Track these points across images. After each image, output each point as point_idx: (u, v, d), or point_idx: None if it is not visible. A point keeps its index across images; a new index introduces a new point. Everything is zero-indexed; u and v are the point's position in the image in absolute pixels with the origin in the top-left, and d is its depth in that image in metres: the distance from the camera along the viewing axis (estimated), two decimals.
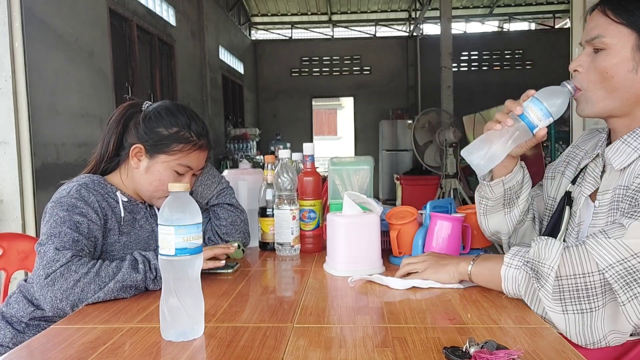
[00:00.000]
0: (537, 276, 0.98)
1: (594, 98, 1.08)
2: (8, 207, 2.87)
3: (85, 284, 1.08)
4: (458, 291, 1.12)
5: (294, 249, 1.53)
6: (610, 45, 1.03)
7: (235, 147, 9.24)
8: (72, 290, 1.07)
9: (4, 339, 1.25)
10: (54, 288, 1.07)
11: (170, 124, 1.31)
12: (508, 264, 1.03)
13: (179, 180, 1.33)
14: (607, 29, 1.03)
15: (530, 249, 1.02)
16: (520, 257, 1.03)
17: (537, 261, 0.99)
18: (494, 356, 0.76)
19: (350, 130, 14.04)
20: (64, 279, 1.08)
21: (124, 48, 5.65)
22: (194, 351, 0.84)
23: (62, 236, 1.15)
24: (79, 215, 1.20)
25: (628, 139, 1.06)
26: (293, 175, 1.52)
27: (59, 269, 1.08)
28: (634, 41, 1.01)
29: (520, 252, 1.04)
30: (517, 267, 1.02)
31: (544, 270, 0.97)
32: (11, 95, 2.83)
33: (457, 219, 1.34)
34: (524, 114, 1.09)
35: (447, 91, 7.96)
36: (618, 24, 1.02)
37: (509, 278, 1.03)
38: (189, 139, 1.32)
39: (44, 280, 1.08)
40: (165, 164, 1.31)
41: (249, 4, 12.47)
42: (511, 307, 1.02)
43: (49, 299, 1.07)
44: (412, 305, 1.05)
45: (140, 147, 1.31)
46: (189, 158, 1.33)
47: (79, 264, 1.10)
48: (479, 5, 12.40)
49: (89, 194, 1.24)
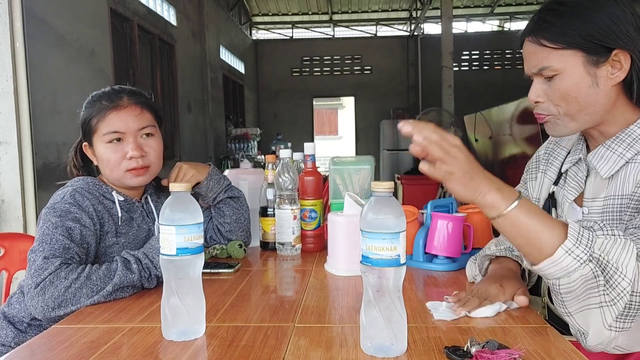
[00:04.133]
0: (608, 285, 0.83)
1: (563, 121, 1.03)
2: (9, 207, 2.87)
3: (77, 289, 1.07)
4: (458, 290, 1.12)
5: (295, 248, 1.53)
6: (560, 70, 0.98)
7: (236, 147, 9.24)
8: (63, 296, 1.06)
9: (5, 339, 1.25)
10: (45, 297, 1.06)
11: (86, 108, 1.33)
12: (569, 249, 0.83)
13: (121, 151, 1.29)
14: (548, 57, 0.99)
15: (597, 239, 0.84)
16: (586, 247, 0.83)
17: (611, 264, 0.83)
18: (495, 356, 0.76)
19: (351, 130, 14.03)
20: (54, 287, 1.06)
21: (125, 48, 5.66)
22: (195, 351, 0.85)
23: (52, 243, 1.14)
24: (71, 221, 1.19)
25: (612, 145, 1.02)
26: (294, 175, 1.52)
27: (48, 277, 1.07)
28: (581, 58, 0.97)
29: (584, 237, 0.84)
30: (580, 260, 0.83)
31: (621, 284, 0.82)
32: (12, 95, 2.84)
33: (458, 218, 1.34)
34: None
35: (448, 91, 7.96)
36: (559, 50, 0.97)
37: (564, 266, 0.84)
38: (101, 106, 1.30)
39: (34, 290, 1.06)
40: (98, 141, 1.30)
41: (250, 3, 12.47)
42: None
43: (40, 308, 1.06)
44: (414, 304, 1.05)
45: (85, 142, 1.34)
46: (108, 123, 1.29)
47: (68, 270, 1.09)
48: (479, 4, 12.38)
49: (84, 199, 1.24)
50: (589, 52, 0.97)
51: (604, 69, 0.98)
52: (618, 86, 1.00)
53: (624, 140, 1.01)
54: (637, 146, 1.00)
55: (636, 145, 1.00)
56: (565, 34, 0.97)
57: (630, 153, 1.00)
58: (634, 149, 1.00)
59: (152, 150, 1.34)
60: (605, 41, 0.96)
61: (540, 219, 0.85)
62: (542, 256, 0.85)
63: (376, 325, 0.80)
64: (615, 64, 0.97)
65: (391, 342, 0.80)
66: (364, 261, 0.80)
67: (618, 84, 0.99)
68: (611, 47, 0.96)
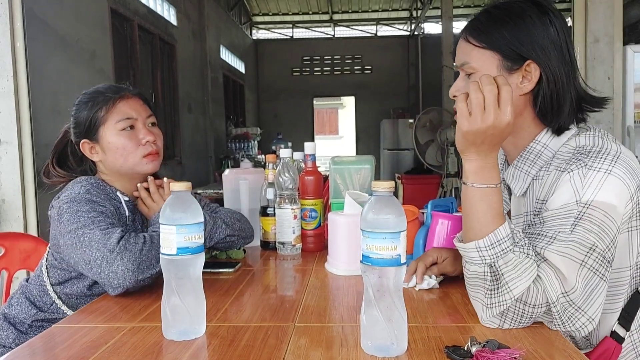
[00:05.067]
0: (493, 291, 0.90)
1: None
2: (10, 206, 2.87)
3: (148, 252, 1.10)
4: (459, 290, 1.12)
5: (295, 248, 1.53)
6: (477, 68, 1.03)
7: (237, 147, 9.24)
8: (139, 259, 1.08)
9: (6, 340, 1.26)
10: (124, 260, 1.07)
11: (85, 103, 1.32)
12: (479, 247, 0.91)
13: (135, 137, 1.31)
14: (470, 54, 1.04)
15: (509, 253, 0.89)
16: (494, 254, 0.90)
17: (504, 278, 0.89)
18: (495, 355, 0.76)
19: (351, 130, 14.04)
20: (129, 251, 1.08)
21: (126, 48, 5.66)
22: (196, 350, 0.85)
23: (97, 222, 1.14)
24: (100, 206, 1.20)
25: (518, 164, 1.07)
26: (294, 175, 1.52)
27: (121, 243, 1.08)
28: (497, 62, 1.01)
29: (500, 245, 0.90)
30: (482, 260, 0.90)
31: (503, 295, 0.89)
32: (13, 95, 2.84)
33: (458, 217, 1.34)
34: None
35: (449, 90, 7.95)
36: (480, 49, 1.02)
37: (470, 257, 0.92)
38: (106, 97, 1.31)
39: (110, 256, 1.07)
40: (109, 132, 1.30)
41: (250, 3, 12.47)
42: None
43: (121, 272, 1.06)
44: (414, 304, 1.05)
45: (84, 140, 1.33)
46: (119, 111, 1.30)
47: (132, 236, 1.11)
48: (480, 4, 12.37)
49: (99, 193, 1.25)
50: (505, 57, 1.01)
51: (515, 76, 1.01)
52: (526, 97, 1.03)
53: (527, 157, 1.07)
54: (539, 162, 1.04)
55: (538, 162, 1.05)
56: (488, 34, 1.02)
57: (534, 170, 1.05)
58: (537, 165, 1.05)
59: (159, 138, 1.37)
60: (521, 49, 0.99)
61: (488, 209, 0.92)
62: (467, 238, 0.95)
63: (376, 324, 0.80)
64: (526, 74, 1.01)
65: (391, 342, 0.80)
66: (364, 261, 0.80)
67: (526, 95, 1.02)
68: (525, 57, 1.00)
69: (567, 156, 0.99)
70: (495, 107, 0.87)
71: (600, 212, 0.90)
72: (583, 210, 0.91)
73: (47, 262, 1.30)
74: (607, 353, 1.01)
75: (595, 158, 0.94)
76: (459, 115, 0.90)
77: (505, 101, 0.87)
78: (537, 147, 1.05)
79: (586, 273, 0.90)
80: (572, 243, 0.90)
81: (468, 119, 0.89)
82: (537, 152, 1.05)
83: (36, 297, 1.28)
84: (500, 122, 0.88)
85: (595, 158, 0.94)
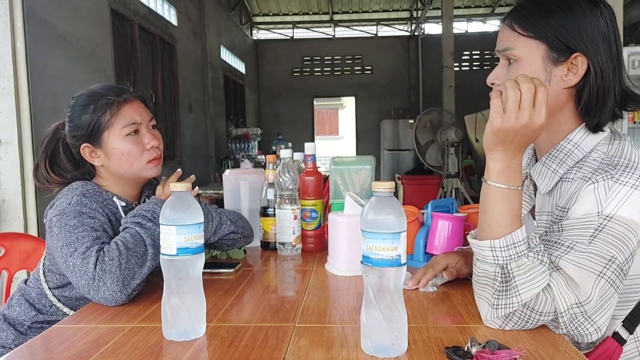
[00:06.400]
0: (501, 292, 0.90)
1: None
2: (10, 207, 2.87)
3: (127, 263, 1.08)
4: (459, 290, 1.12)
5: (295, 248, 1.53)
6: (520, 57, 1.00)
7: (237, 147, 9.24)
8: (122, 275, 1.06)
9: (6, 341, 1.25)
10: (107, 285, 1.05)
11: (85, 107, 1.28)
12: (494, 247, 0.90)
13: (140, 142, 1.30)
14: (515, 41, 1.01)
15: (523, 258, 0.89)
16: (507, 257, 0.89)
17: (514, 281, 0.88)
18: (495, 356, 0.76)
19: (351, 130, 14.04)
20: (108, 272, 1.06)
21: (126, 48, 5.66)
22: (196, 351, 0.84)
23: (80, 239, 1.13)
24: (89, 218, 1.18)
25: (547, 162, 1.04)
26: (294, 175, 1.52)
27: (97, 267, 1.07)
28: (543, 52, 0.98)
29: (515, 248, 0.90)
30: (495, 260, 0.90)
31: (511, 299, 0.89)
32: (13, 95, 2.84)
33: (458, 218, 1.34)
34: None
35: (449, 91, 7.97)
36: (525, 37, 0.99)
37: (483, 255, 0.92)
38: (110, 101, 1.28)
39: (94, 284, 1.06)
40: (114, 137, 1.28)
41: (251, 3, 12.48)
42: None
43: (110, 297, 1.05)
44: (414, 304, 1.05)
45: (85, 144, 1.29)
46: (125, 116, 1.28)
47: (107, 252, 1.09)
48: (480, 4, 12.38)
49: (91, 202, 1.23)
50: (552, 47, 0.97)
51: (560, 68, 0.98)
52: (569, 91, 1.00)
53: (557, 156, 1.03)
54: (568, 162, 1.01)
55: (567, 161, 1.01)
56: (535, 23, 0.99)
57: (562, 169, 1.02)
58: (566, 164, 1.01)
59: (160, 141, 1.35)
60: (569, 41, 0.96)
61: (508, 210, 0.90)
62: (481, 237, 0.93)
63: (377, 325, 0.80)
64: (572, 67, 0.98)
65: (392, 342, 0.80)
66: (364, 261, 0.80)
67: (570, 89, 1.00)
68: (573, 49, 0.97)
69: (595, 164, 0.96)
70: (531, 107, 0.85)
71: (621, 225, 0.89)
72: (604, 222, 0.89)
73: (44, 267, 1.29)
74: (607, 353, 1.01)
75: (623, 172, 0.91)
76: (493, 112, 0.88)
77: (541, 102, 0.85)
78: (568, 146, 1.01)
79: (603, 284, 0.88)
80: (590, 255, 0.88)
81: (502, 116, 0.86)
82: (567, 151, 1.01)
83: (35, 299, 1.28)
84: (533, 123, 0.86)
85: (623, 172, 0.91)
